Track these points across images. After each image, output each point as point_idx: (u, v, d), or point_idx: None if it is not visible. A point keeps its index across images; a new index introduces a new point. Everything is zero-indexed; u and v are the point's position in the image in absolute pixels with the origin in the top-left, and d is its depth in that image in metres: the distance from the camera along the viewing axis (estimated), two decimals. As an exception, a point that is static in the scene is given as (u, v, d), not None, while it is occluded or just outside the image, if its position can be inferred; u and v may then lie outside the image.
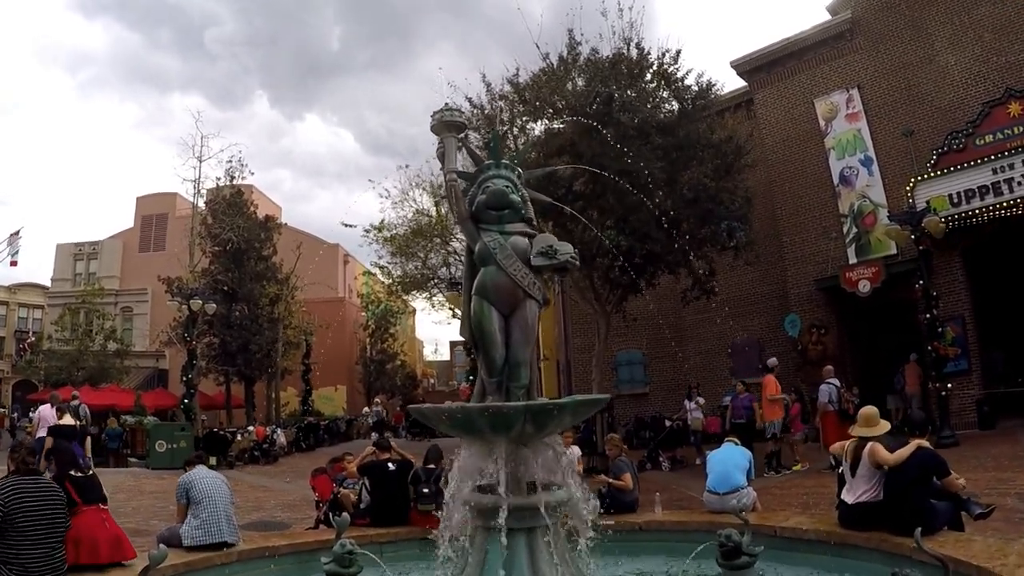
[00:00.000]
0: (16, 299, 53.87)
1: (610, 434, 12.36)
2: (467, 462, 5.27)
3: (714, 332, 23.48)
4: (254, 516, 12.55)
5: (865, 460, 7.12)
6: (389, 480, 9.49)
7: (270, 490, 17.01)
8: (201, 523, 7.57)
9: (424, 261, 29.67)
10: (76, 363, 40.01)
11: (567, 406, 5.04)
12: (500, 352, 5.28)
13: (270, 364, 36.90)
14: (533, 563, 4.99)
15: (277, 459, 24.97)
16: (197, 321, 25.78)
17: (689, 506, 10.52)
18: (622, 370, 25.90)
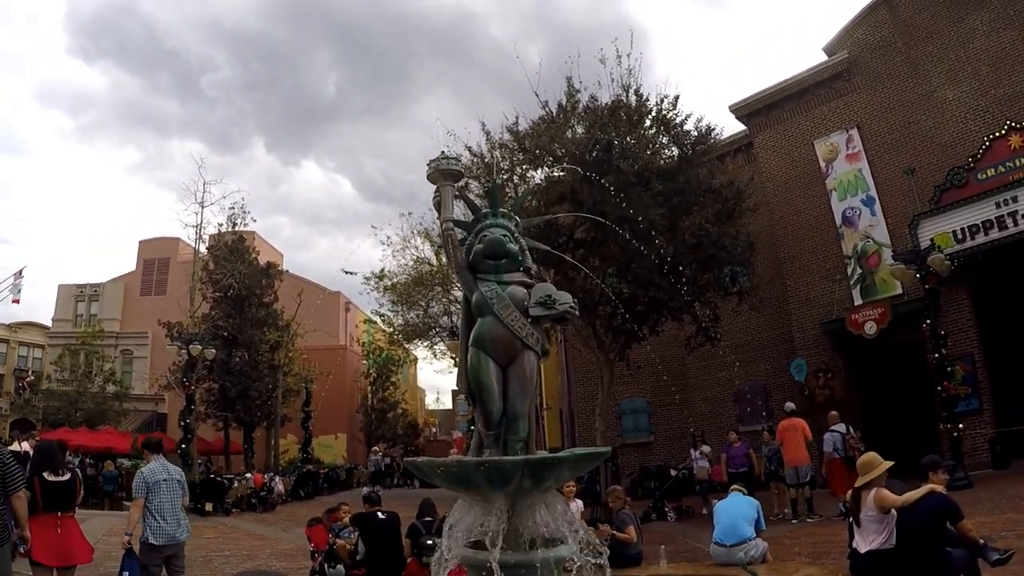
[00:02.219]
0: (17, 337, 53.88)
1: (613, 486, 12.19)
2: (462, 516, 5.11)
3: (719, 379, 23.36)
4: (248, 564, 12.41)
5: (870, 505, 6.98)
6: (379, 530, 9.44)
7: (266, 539, 16.80)
8: (161, 525, 7.69)
9: (425, 310, 29.62)
10: (74, 404, 40.10)
11: (566, 460, 4.91)
12: (498, 405, 5.16)
13: (269, 411, 36.90)
14: (532, 623, 4.82)
15: (274, 507, 24.80)
16: (196, 366, 25.78)
17: (695, 558, 10.33)
18: (626, 419, 25.64)
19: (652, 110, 18.01)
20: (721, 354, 21.66)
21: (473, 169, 17.82)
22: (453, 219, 5.60)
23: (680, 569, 9.14)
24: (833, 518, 13.17)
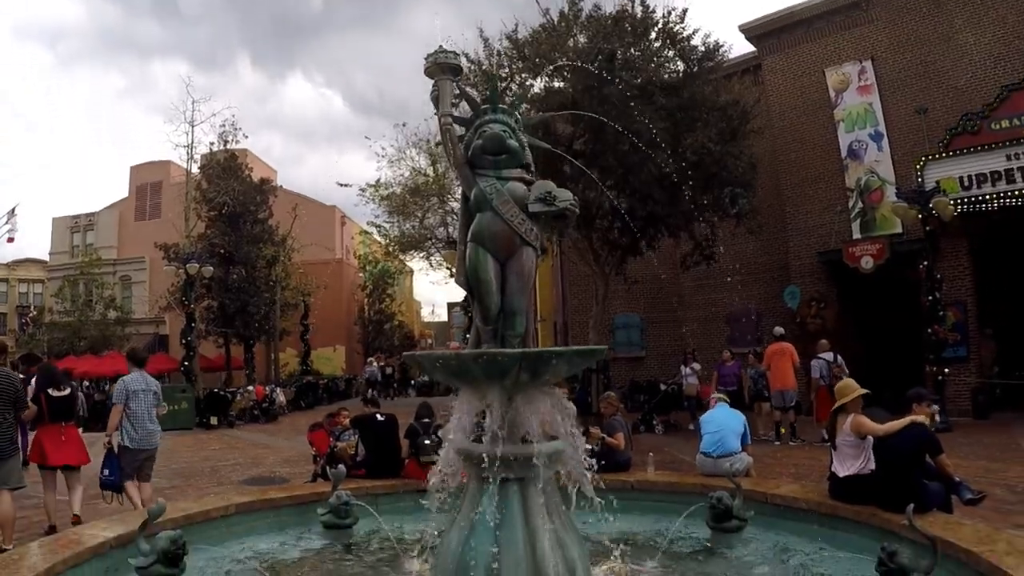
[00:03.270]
0: (16, 275, 54.20)
1: (607, 392, 12.33)
2: (461, 411, 5.18)
3: (712, 299, 23.47)
4: (253, 472, 12.64)
5: (846, 430, 7.09)
6: (378, 431, 9.58)
7: (270, 447, 17.13)
8: (137, 433, 8.73)
9: (421, 220, 29.56)
10: (78, 333, 40.62)
11: (564, 354, 4.93)
12: (496, 300, 5.17)
13: (268, 325, 37.19)
14: (526, 513, 4.91)
15: (276, 418, 25.37)
16: (195, 285, 25.92)
17: (681, 469, 10.54)
18: (619, 333, 25.79)
19: (658, 22, 17.63)
20: (716, 275, 21.74)
21: (471, 77, 17.51)
22: (451, 114, 5.54)
23: (667, 476, 9.31)
24: (815, 444, 13.41)
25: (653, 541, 7.34)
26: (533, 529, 4.86)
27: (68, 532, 6.66)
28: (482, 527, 4.86)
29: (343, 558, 7.42)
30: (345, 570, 6.98)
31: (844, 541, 6.72)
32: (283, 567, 7.07)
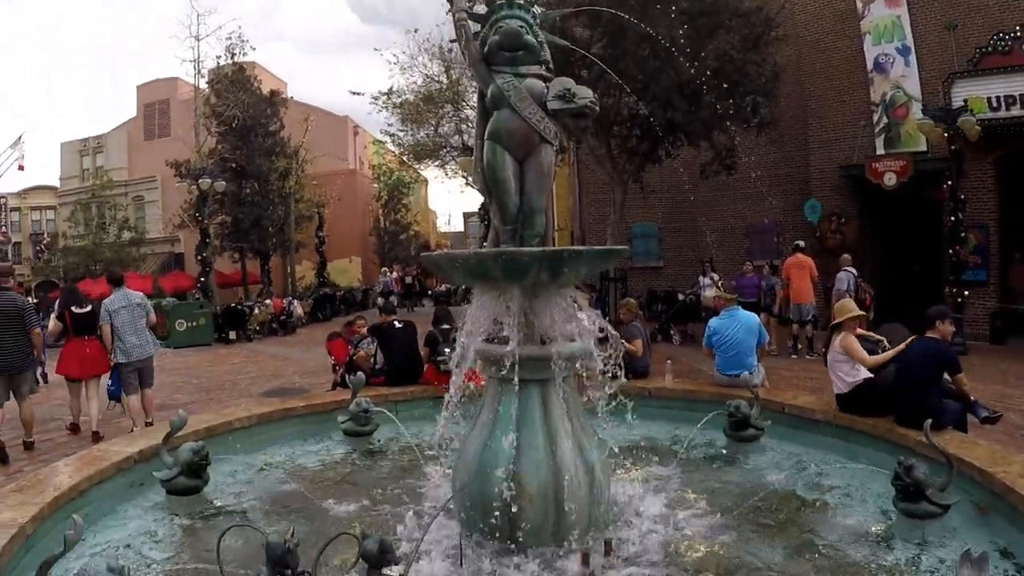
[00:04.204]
0: (27, 203, 54.06)
1: (626, 298, 12.26)
2: (479, 313, 5.12)
3: (731, 211, 23.17)
4: (273, 384, 12.74)
5: (836, 347, 7.20)
6: (396, 338, 9.59)
7: (289, 359, 17.26)
8: (123, 345, 9.31)
9: (436, 128, 29.15)
10: (92, 256, 40.63)
11: (584, 253, 4.81)
12: (514, 199, 5.05)
13: (284, 238, 37.07)
14: (546, 416, 4.89)
15: (295, 330, 25.54)
16: (208, 200, 25.86)
17: (698, 379, 10.53)
18: (637, 242, 25.42)
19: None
20: (736, 186, 21.44)
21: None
22: (466, 9, 5.34)
23: (685, 384, 9.33)
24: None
25: (670, 448, 7.40)
26: (553, 431, 4.84)
27: (92, 449, 6.76)
28: (502, 429, 4.84)
29: (364, 464, 7.51)
30: (366, 476, 7.07)
31: (861, 454, 6.74)
32: (305, 474, 7.16)
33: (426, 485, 6.42)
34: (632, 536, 5.10)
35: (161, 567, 5.00)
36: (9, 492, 5.47)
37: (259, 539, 4.05)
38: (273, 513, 5.98)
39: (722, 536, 5.14)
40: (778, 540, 5.09)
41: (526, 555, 4.71)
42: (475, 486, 4.84)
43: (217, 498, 6.40)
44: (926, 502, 5.06)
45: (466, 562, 4.53)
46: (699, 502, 5.82)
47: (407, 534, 5.16)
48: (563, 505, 4.73)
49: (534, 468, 4.70)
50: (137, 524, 5.79)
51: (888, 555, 4.82)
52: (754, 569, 4.67)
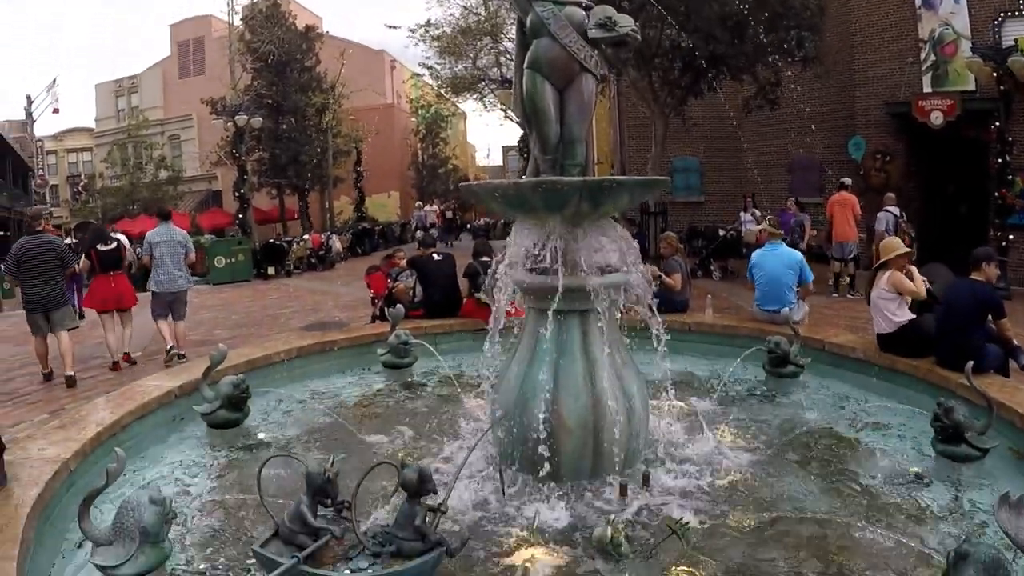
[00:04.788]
0: (64, 145, 54.47)
1: (667, 232, 12.09)
2: (519, 244, 5.06)
3: (774, 146, 22.65)
4: (313, 318, 12.80)
5: (883, 284, 7.01)
6: (436, 270, 9.58)
7: (327, 294, 17.37)
8: (161, 277, 9.93)
9: (474, 61, 28.83)
10: (130, 196, 41.08)
11: (625, 183, 4.75)
12: (554, 128, 4.94)
13: (321, 174, 37.16)
14: (585, 346, 4.87)
15: (334, 265, 25.68)
16: (244, 137, 25.83)
17: (738, 315, 10.39)
18: (678, 177, 24.90)
19: None
20: (778, 121, 20.97)
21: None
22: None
23: (725, 320, 9.23)
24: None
25: (709, 382, 7.36)
26: (592, 362, 4.82)
27: (133, 385, 6.85)
28: (541, 360, 4.83)
29: (403, 396, 7.56)
30: (406, 407, 7.11)
31: (900, 395, 6.65)
32: (345, 406, 7.22)
33: (465, 416, 6.46)
34: (670, 469, 5.11)
35: (203, 498, 5.10)
36: (52, 429, 5.57)
37: (300, 469, 4.09)
38: (313, 444, 6.05)
39: (759, 471, 5.12)
40: (814, 476, 5.06)
41: (564, 486, 4.74)
42: (514, 417, 4.85)
43: (257, 430, 6.49)
44: (965, 444, 5.01)
45: (504, 492, 4.55)
46: (737, 437, 5.82)
47: (446, 464, 5.21)
48: (601, 436, 4.74)
49: (573, 399, 4.70)
50: (179, 457, 5.90)
51: (924, 495, 4.76)
52: (790, 504, 4.65)
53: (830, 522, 4.33)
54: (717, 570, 3.87)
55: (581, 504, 4.62)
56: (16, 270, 8.96)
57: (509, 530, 4.34)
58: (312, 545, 3.69)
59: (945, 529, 4.28)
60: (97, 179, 48.54)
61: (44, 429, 5.63)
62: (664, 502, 4.63)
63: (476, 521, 4.46)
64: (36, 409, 7.37)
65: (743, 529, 4.30)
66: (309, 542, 3.70)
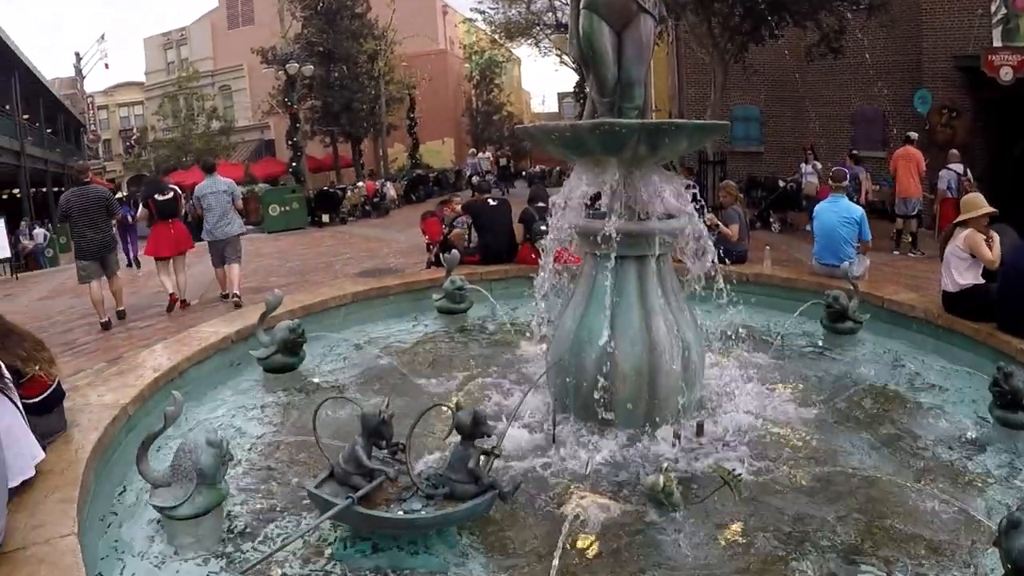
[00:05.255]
0: (114, 100, 55.06)
1: (726, 181, 11.83)
2: (576, 188, 4.96)
3: (837, 97, 21.95)
4: (367, 264, 12.86)
5: (959, 241, 6.67)
6: (491, 215, 9.52)
7: (382, 240, 17.41)
8: (212, 226, 10.40)
9: (528, 6, 28.33)
10: (183, 148, 41.39)
11: (684, 127, 4.60)
12: (612, 70, 4.82)
13: (375, 121, 36.87)
14: (642, 293, 4.79)
15: (388, 212, 25.70)
16: (296, 85, 25.80)
17: (796, 268, 10.17)
18: (737, 125, 24.11)
19: None
20: (842, 71, 20.33)
21: None
22: None
23: (783, 272, 9.04)
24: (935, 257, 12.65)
25: (766, 335, 7.23)
26: (649, 309, 4.75)
27: (190, 331, 6.95)
28: (597, 305, 4.78)
29: (458, 341, 7.57)
30: (460, 352, 7.12)
31: (959, 357, 6.43)
32: (400, 350, 7.26)
33: (519, 361, 6.46)
34: (724, 420, 5.03)
35: (259, 440, 5.18)
36: (110, 375, 5.67)
37: (355, 411, 4.11)
38: (368, 388, 6.09)
39: (813, 426, 5.03)
40: (868, 435, 4.93)
41: (617, 432, 4.71)
42: (568, 362, 4.82)
43: (313, 375, 6.56)
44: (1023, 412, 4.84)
45: (558, 437, 4.53)
46: (792, 391, 5.69)
47: (500, 409, 5.21)
48: (657, 384, 4.69)
49: (629, 345, 4.65)
50: (235, 401, 5.99)
51: (979, 460, 4.63)
52: (842, 461, 4.55)
53: (881, 482, 4.25)
54: (767, 523, 3.84)
55: (634, 452, 4.59)
56: (67, 219, 9.57)
57: (561, 476, 4.33)
58: (366, 486, 3.71)
59: (998, 496, 4.16)
60: (149, 132, 49.01)
61: (103, 376, 5.75)
62: (717, 453, 4.58)
63: (529, 466, 4.46)
64: (94, 358, 7.52)
65: (794, 484, 4.25)
66: (363, 483, 3.73)
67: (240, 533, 3.99)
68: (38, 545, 3.30)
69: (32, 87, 32.54)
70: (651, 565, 3.54)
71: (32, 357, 4.32)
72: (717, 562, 3.55)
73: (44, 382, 4.36)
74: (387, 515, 3.64)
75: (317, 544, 3.83)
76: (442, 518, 3.66)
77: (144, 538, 3.95)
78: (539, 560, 3.58)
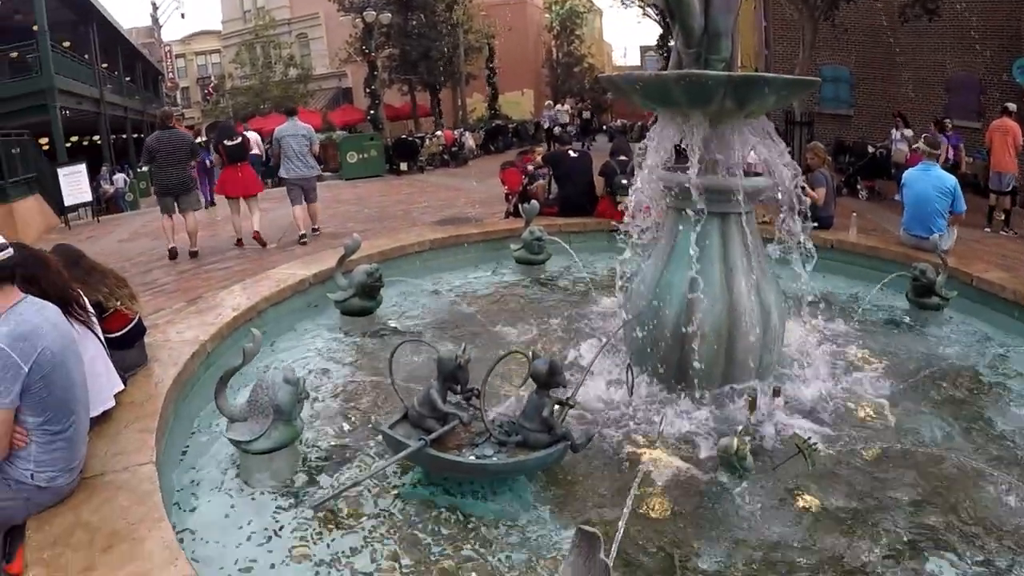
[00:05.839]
0: (192, 48, 55.58)
1: (814, 142, 11.43)
2: (660, 142, 4.82)
3: (931, 61, 20.94)
4: (445, 213, 12.84)
5: None
6: (572, 167, 9.43)
7: (460, 190, 17.28)
8: (288, 166, 10.85)
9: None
10: (260, 95, 41.66)
11: (773, 81, 4.35)
12: (698, 20, 4.62)
13: (453, 70, 36.60)
14: (724, 251, 4.68)
15: (466, 162, 25.49)
16: (374, 33, 25.76)
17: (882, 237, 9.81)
18: (826, 86, 23.19)
19: None
20: (938, 33, 19.40)
21: None
22: None
23: (869, 240, 8.74)
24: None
25: (849, 305, 7.02)
26: (731, 267, 4.64)
27: (269, 273, 7.09)
28: (679, 261, 4.68)
29: (535, 292, 7.56)
30: (537, 303, 7.12)
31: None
32: (477, 298, 7.29)
33: (597, 315, 6.42)
34: (801, 388, 4.91)
35: (334, 380, 5.27)
36: (190, 314, 5.85)
37: (430, 356, 4.13)
38: (444, 334, 6.13)
39: (892, 403, 4.84)
40: (949, 417, 4.72)
41: (692, 392, 4.64)
42: (647, 318, 4.75)
43: (389, 319, 6.63)
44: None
45: (632, 393, 4.50)
46: (873, 365, 5.50)
47: (575, 360, 5.18)
48: (735, 345, 4.61)
49: (709, 304, 4.55)
50: (312, 342, 6.09)
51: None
52: (918, 440, 4.40)
53: (958, 465, 4.08)
54: (837, 497, 3.75)
55: (708, 413, 4.53)
56: (151, 160, 10.27)
57: (634, 432, 4.31)
58: (439, 429, 3.75)
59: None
60: (226, 80, 49.49)
61: (183, 314, 5.92)
62: (792, 420, 4.48)
63: (602, 419, 4.44)
64: (174, 298, 7.65)
65: (867, 458, 4.13)
66: (437, 426, 3.77)
67: (312, 469, 4.07)
68: (117, 472, 3.43)
69: (110, 37, 32.97)
70: (716, 528, 3.51)
71: (114, 293, 4.48)
72: (783, 532, 3.49)
73: (126, 317, 4.53)
74: (458, 459, 3.67)
75: (387, 484, 3.89)
76: (513, 465, 3.69)
77: (218, 471, 4.07)
78: (606, 514, 3.57)
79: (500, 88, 41.41)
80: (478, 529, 3.51)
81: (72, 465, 3.24)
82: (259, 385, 4.02)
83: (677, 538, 3.44)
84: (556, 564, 3.21)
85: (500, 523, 3.55)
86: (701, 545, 3.39)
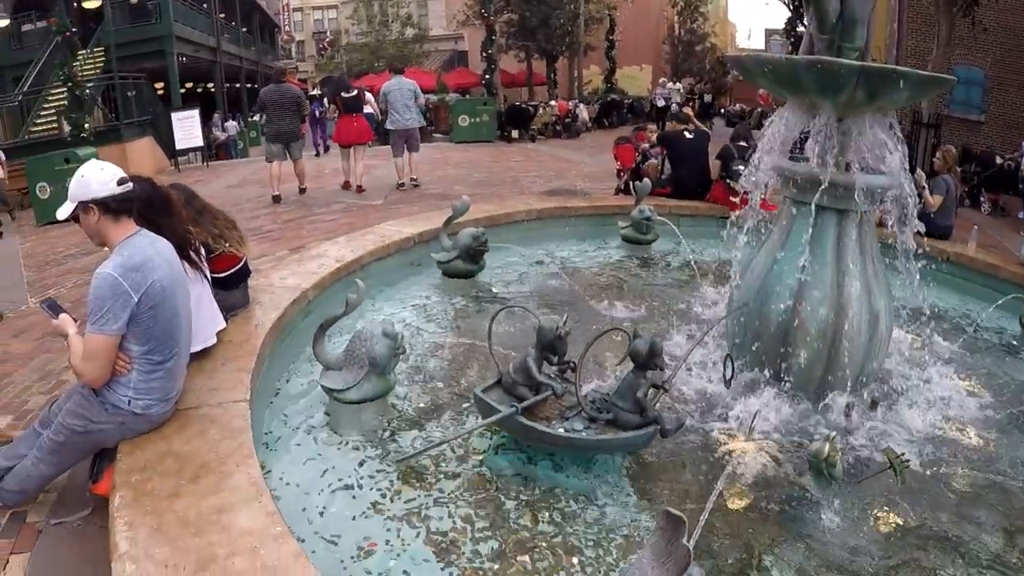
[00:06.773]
0: (309, 3, 56.36)
1: (947, 145, 10.87)
2: (783, 129, 4.67)
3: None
4: (555, 184, 12.78)
5: None
6: (686, 148, 9.26)
7: (571, 162, 17.13)
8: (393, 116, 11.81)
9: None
10: (375, 53, 42.13)
11: (909, 75, 4.10)
12: (834, 4, 4.43)
13: (571, 40, 36.07)
14: (839, 250, 4.50)
15: (579, 134, 25.13)
16: (494, -3, 25.47)
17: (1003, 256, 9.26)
18: (957, 88, 21.32)
19: None
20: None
21: None
22: None
23: (988, 257, 8.23)
24: None
25: (958, 322, 6.66)
26: (844, 267, 4.48)
27: (374, 228, 7.22)
28: (791, 254, 4.55)
29: (639, 272, 7.49)
30: (640, 283, 7.06)
31: None
32: (579, 273, 7.26)
33: (701, 302, 6.32)
34: (901, 402, 4.70)
35: (431, 339, 5.34)
36: (294, 261, 6.02)
37: (529, 324, 4.14)
38: (544, 304, 6.13)
39: (993, 429, 4.57)
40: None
41: (790, 391, 4.54)
42: (751, 311, 4.66)
43: (491, 284, 6.68)
44: None
45: (729, 385, 4.42)
46: (977, 387, 5.19)
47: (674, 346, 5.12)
48: (839, 349, 4.44)
49: (817, 303, 4.42)
50: (413, 299, 6.19)
51: None
52: (1014, 473, 4.11)
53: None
54: (924, 516, 3.60)
55: (803, 415, 4.41)
56: (261, 110, 11.55)
57: (726, 424, 4.24)
58: (532, 398, 3.76)
59: None
60: (342, 36, 50.03)
61: (286, 261, 6.10)
62: (887, 433, 4.31)
63: (695, 408, 4.40)
64: (278, 245, 7.85)
65: (960, 484, 3.94)
66: (529, 395, 3.78)
67: (400, 424, 4.14)
68: (211, 407, 3.56)
69: (228, -13, 34.03)
70: (795, 533, 3.43)
71: (224, 235, 4.62)
72: (863, 544, 3.38)
73: (233, 259, 4.67)
74: (548, 430, 3.67)
75: (472, 447, 3.94)
76: (601, 443, 3.68)
77: (307, 416, 4.18)
78: (687, 504, 3.52)
79: (619, 62, 40.52)
80: (557, 501, 3.52)
81: (169, 396, 3.37)
82: (358, 336, 4.10)
83: (756, 534, 3.39)
84: (629, 544, 3.21)
85: (580, 497, 3.55)
86: (778, 545, 3.33)
